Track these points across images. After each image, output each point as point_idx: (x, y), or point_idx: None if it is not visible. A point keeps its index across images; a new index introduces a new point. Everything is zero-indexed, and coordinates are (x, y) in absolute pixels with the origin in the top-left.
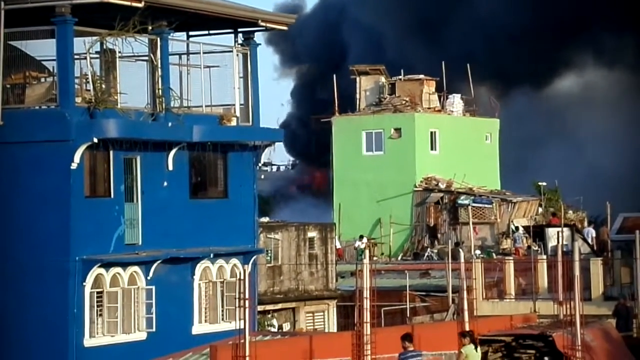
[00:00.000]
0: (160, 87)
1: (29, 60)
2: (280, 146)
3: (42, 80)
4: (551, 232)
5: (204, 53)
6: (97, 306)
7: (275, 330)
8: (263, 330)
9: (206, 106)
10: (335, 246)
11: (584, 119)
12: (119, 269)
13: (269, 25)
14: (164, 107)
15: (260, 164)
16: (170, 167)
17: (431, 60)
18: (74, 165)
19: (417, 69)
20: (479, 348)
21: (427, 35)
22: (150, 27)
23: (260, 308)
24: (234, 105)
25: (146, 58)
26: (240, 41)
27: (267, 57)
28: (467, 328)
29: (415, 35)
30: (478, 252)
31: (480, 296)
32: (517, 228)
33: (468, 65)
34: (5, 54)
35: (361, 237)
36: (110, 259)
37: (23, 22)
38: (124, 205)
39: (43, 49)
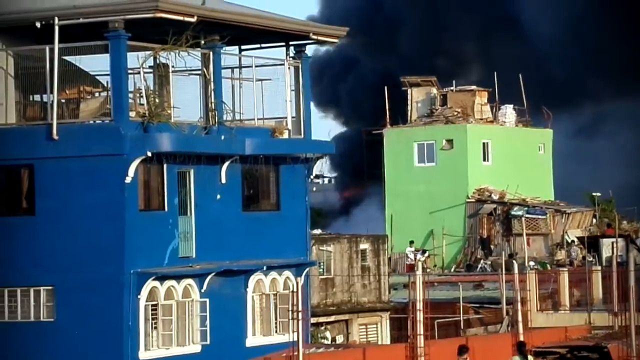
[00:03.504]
0: (212, 100)
1: (83, 75)
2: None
3: (97, 94)
4: (606, 242)
5: (256, 66)
6: (152, 319)
7: (329, 342)
8: (316, 343)
9: (258, 119)
10: (406, 262)
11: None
12: (173, 282)
13: (320, 38)
14: (216, 120)
15: (312, 177)
16: (224, 180)
17: (483, 70)
18: (128, 179)
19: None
20: (530, 358)
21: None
22: (202, 42)
23: (313, 320)
24: (285, 118)
25: (199, 72)
26: (291, 54)
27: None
28: (521, 340)
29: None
30: (532, 263)
31: (535, 308)
32: (572, 241)
33: (520, 75)
34: (60, 69)
35: (411, 242)
36: (165, 272)
37: (77, 38)
38: (178, 219)
39: (97, 64)
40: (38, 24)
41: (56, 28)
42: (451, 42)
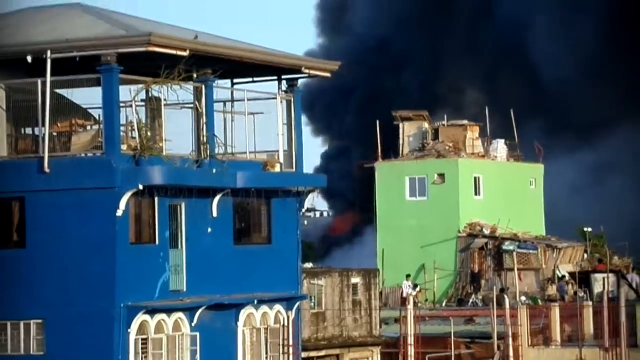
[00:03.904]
0: (204, 133)
1: (75, 108)
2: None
3: (88, 127)
4: (597, 277)
5: (248, 100)
6: (142, 353)
7: None
8: None
9: (250, 152)
10: (402, 295)
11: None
12: (163, 316)
13: (312, 72)
14: (208, 153)
15: (303, 210)
16: (215, 214)
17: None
18: (119, 212)
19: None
20: None
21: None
22: (195, 75)
23: (304, 354)
24: (277, 151)
25: (191, 105)
26: (284, 88)
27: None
28: None
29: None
30: (523, 298)
31: (526, 343)
32: (563, 276)
33: (512, 110)
34: (52, 102)
35: (408, 276)
36: (155, 306)
37: (69, 71)
38: (169, 252)
39: (89, 96)
40: (30, 57)
41: (48, 61)
42: (455, 78)
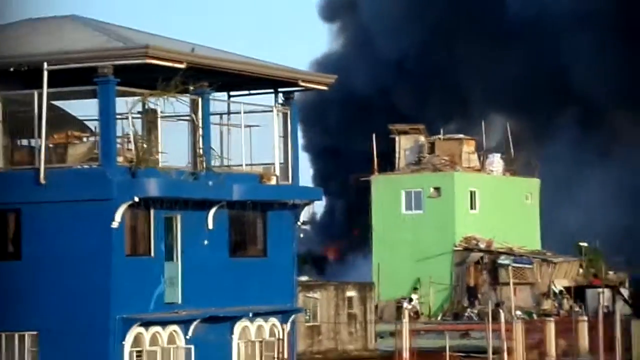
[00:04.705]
0: (201, 146)
1: (71, 120)
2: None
3: (84, 139)
4: (592, 292)
5: (244, 112)
6: None
7: None
8: None
9: (246, 165)
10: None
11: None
12: (158, 328)
13: (309, 85)
14: (204, 166)
15: (299, 223)
16: (211, 226)
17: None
18: (115, 224)
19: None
20: None
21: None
22: (191, 88)
23: None
24: (273, 164)
25: (187, 118)
26: (280, 101)
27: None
28: None
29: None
30: (519, 312)
31: (521, 357)
32: (560, 292)
33: (507, 124)
34: (48, 113)
35: (415, 289)
36: (150, 318)
37: (66, 82)
38: (164, 264)
39: (85, 108)
40: (26, 69)
41: (45, 73)
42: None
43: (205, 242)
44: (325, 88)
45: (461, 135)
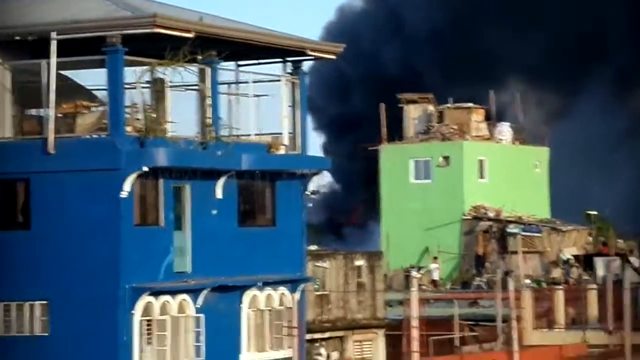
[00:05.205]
0: (209, 116)
1: (80, 89)
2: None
3: (93, 109)
4: (601, 261)
5: (253, 82)
6: (147, 334)
7: (324, 359)
8: (311, 359)
9: (255, 135)
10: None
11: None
12: (168, 297)
13: (317, 54)
14: (213, 135)
15: (308, 192)
16: (219, 196)
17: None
18: (123, 194)
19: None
20: None
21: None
22: (200, 57)
23: (308, 336)
24: (282, 133)
25: (196, 87)
26: (289, 70)
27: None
28: (516, 357)
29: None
30: (527, 281)
31: (530, 326)
32: (568, 260)
33: (518, 93)
34: (57, 83)
35: (435, 258)
36: (160, 287)
37: (74, 52)
38: (173, 234)
39: (94, 78)
40: (34, 38)
41: (53, 42)
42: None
43: (214, 211)
44: (334, 57)
45: (470, 104)
